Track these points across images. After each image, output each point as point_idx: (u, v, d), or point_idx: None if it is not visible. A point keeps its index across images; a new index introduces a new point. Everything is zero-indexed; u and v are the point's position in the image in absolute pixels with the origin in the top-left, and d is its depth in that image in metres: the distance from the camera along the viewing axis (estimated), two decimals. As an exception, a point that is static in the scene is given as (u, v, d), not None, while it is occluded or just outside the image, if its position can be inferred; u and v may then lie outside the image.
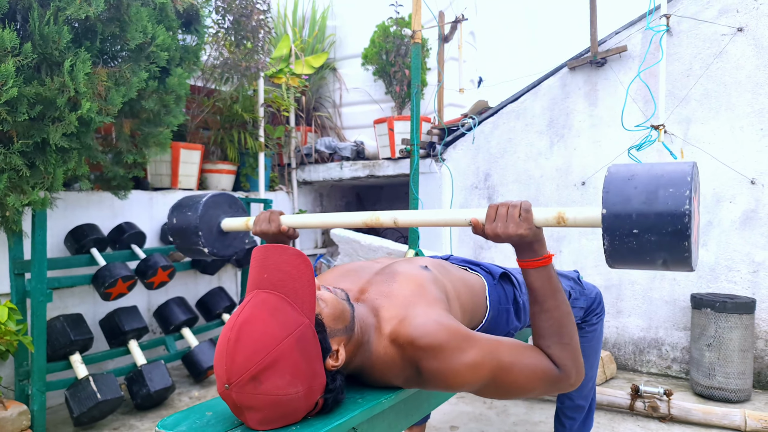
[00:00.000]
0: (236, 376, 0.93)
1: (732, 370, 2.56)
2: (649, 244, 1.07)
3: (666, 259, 1.08)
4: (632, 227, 1.07)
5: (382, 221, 1.47)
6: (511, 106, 3.47)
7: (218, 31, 3.56)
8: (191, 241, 1.69)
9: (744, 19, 2.76)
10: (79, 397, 2.30)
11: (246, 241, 1.86)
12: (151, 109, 2.58)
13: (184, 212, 1.69)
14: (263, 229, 1.59)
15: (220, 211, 1.75)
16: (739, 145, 2.79)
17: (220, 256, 1.75)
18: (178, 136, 3.42)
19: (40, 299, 2.25)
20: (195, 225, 1.66)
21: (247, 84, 3.81)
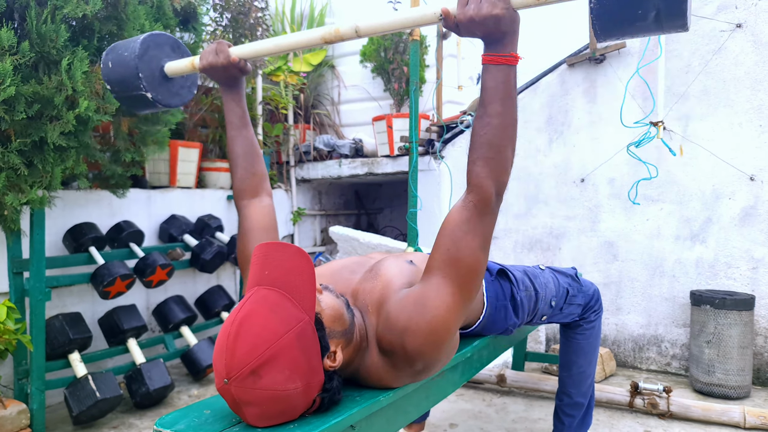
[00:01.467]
0: (236, 371, 0.93)
1: (731, 366, 2.56)
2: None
3: (660, 9, 0.98)
4: None
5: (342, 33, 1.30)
6: (509, 103, 3.46)
7: (216, 28, 3.55)
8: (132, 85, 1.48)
9: (743, 16, 2.75)
10: (79, 396, 2.30)
11: (194, 91, 1.67)
12: (149, 108, 2.57)
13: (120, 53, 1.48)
14: (211, 61, 1.41)
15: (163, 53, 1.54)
16: (738, 141, 2.79)
17: (165, 104, 1.56)
18: (176, 135, 3.41)
19: (39, 298, 2.25)
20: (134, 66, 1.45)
21: (245, 82, 3.80)
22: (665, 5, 0.98)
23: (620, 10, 1.00)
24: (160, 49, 1.53)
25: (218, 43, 1.42)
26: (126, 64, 1.47)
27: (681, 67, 2.91)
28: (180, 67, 1.52)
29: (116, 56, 1.49)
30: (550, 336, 3.33)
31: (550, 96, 3.32)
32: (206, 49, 1.44)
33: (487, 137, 1.14)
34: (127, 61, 1.47)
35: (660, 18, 0.99)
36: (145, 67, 1.48)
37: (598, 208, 3.17)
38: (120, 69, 1.48)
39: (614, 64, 3.10)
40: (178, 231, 3.21)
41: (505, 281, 1.63)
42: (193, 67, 1.50)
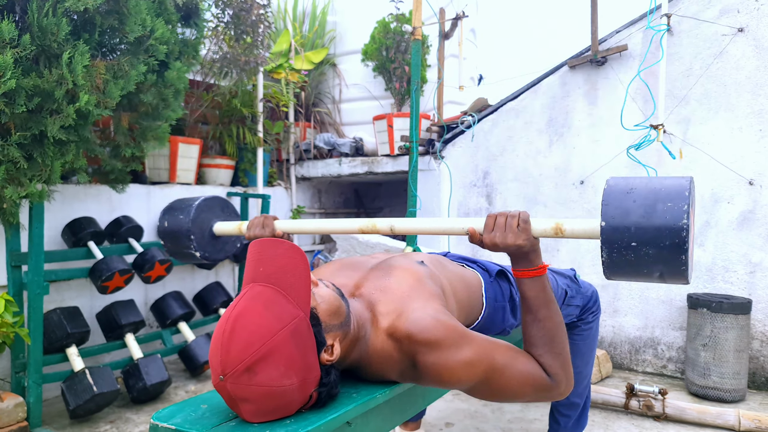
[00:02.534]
0: (231, 367, 0.93)
1: (727, 370, 2.57)
2: (647, 257, 1.09)
3: (663, 272, 1.10)
4: (630, 240, 1.09)
5: (379, 228, 1.48)
6: (510, 104, 3.47)
7: (218, 25, 3.55)
8: (183, 245, 1.68)
9: (745, 20, 2.76)
10: (76, 390, 2.30)
11: (238, 245, 1.85)
12: (149, 103, 2.58)
13: (176, 216, 1.68)
14: (257, 234, 1.58)
15: (212, 214, 1.73)
16: (737, 145, 2.79)
17: (212, 260, 1.75)
18: (176, 131, 3.41)
19: (37, 292, 2.25)
20: (187, 229, 1.64)
21: (247, 79, 3.80)
22: (668, 270, 1.10)
23: (628, 267, 1.13)
24: (211, 212, 1.74)
25: (265, 218, 1.60)
26: (180, 225, 1.67)
27: (682, 70, 2.92)
28: (228, 229, 1.71)
29: (172, 218, 1.69)
30: (548, 337, 3.33)
31: (551, 98, 3.32)
32: (254, 220, 1.63)
33: (547, 338, 1.24)
34: (182, 223, 1.66)
35: (663, 277, 1.12)
36: (196, 229, 1.67)
37: (597, 210, 3.17)
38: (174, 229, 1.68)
39: (615, 67, 3.10)
40: (177, 227, 3.20)
41: (504, 282, 1.63)
42: (239, 232, 1.69)
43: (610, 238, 1.11)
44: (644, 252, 1.08)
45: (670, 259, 1.07)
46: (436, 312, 1.16)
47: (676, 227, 1.05)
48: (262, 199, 3.63)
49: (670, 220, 1.06)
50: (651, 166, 2.88)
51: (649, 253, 1.08)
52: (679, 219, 1.05)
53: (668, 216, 1.06)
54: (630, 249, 1.09)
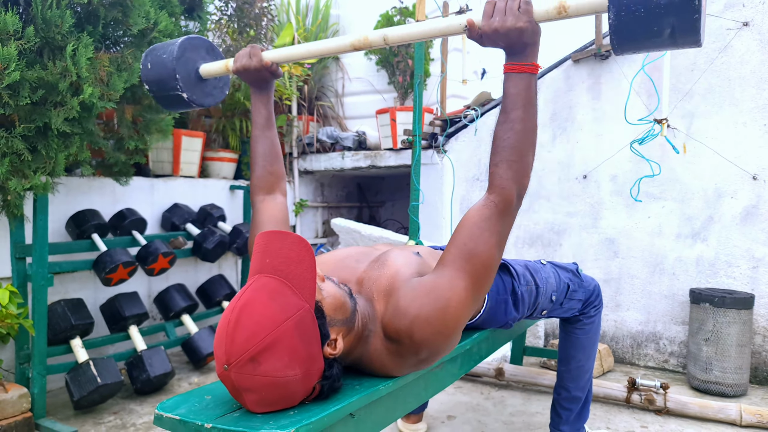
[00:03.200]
0: (235, 357, 0.94)
1: (729, 364, 2.57)
2: (657, 8, 1.03)
3: (674, 27, 1.04)
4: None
5: (371, 40, 1.36)
6: (513, 98, 3.45)
7: (221, 18, 3.55)
8: (169, 86, 1.57)
9: (750, 14, 2.74)
10: (80, 381, 2.32)
11: (226, 92, 1.76)
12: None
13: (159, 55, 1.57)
14: (244, 64, 1.49)
15: (198, 56, 1.63)
16: (741, 140, 2.78)
17: (199, 104, 1.65)
18: (179, 124, 3.42)
19: (41, 283, 2.26)
20: (172, 68, 1.54)
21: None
22: (680, 23, 1.04)
23: (637, 27, 1.06)
24: (196, 52, 1.62)
25: (251, 47, 1.50)
26: (164, 65, 1.56)
27: (686, 64, 2.90)
28: (214, 68, 1.61)
29: (155, 57, 1.58)
30: (549, 331, 3.34)
31: (554, 92, 3.31)
32: (240, 51, 1.52)
33: (510, 141, 1.20)
34: (166, 62, 1.56)
35: (674, 35, 1.06)
36: (181, 68, 1.57)
37: (600, 204, 3.17)
38: (158, 70, 1.57)
39: (619, 61, 3.09)
40: (180, 220, 3.22)
41: (506, 275, 1.64)
42: (227, 69, 1.58)
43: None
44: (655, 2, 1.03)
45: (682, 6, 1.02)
46: (423, 304, 1.17)
47: None
48: (265, 193, 3.63)
49: None
50: (654, 160, 2.87)
51: (660, 3, 1.03)
52: None
53: None
54: (640, 2, 1.04)
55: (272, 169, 1.52)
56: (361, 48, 1.39)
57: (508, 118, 1.20)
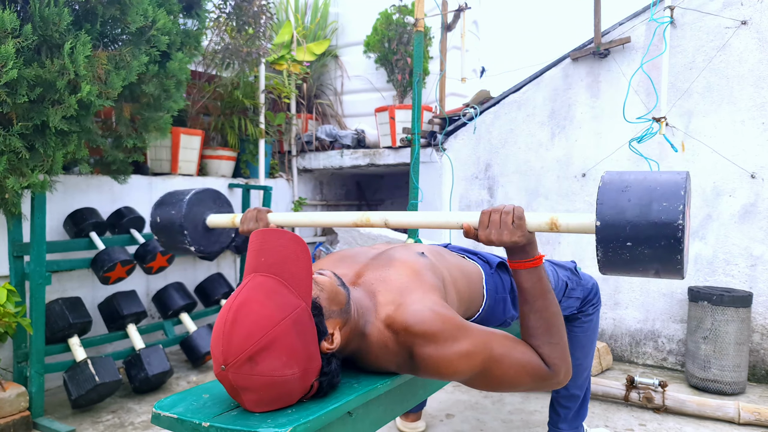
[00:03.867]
0: (233, 357, 0.94)
1: (727, 362, 2.57)
2: (642, 255, 1.09)
3: (658, 269, 1.11)
4: (626, 239, 1.09)
5: (373, 222, 1.47)
6: (512, 96, 3.46)
7: (219, 15, 3.54)
8: (177, 239, 1.66)
9: (748, 12, 2.74)
10: (78, 380, 2.31)
11: (232, 236, 1.83)
12: (151, 94, 2.57)
13: (168, 210, 1.66)
14: (251, 228, 1.58)
15: (205, 207, 1.71)
16: (740, 138, 2.78)
17: (207, 252, 1.73)
18: (178, 122, 3.41)
19: (39, 282, 2.25)
20: (180, 224, 1.63)
21: (248, 70, 3.79)
22: (664, 268, 1.11)
23: (623, 265, 1.14)
24: (203, 204, 1.71)
25: (258, 211, 1.58)
26: (172, 221, 1.65)
27: (685, 63, 2.90)
28: (221, 222, 1.69)
29: (164, 213, 1.67)
30: (548, 329, 3.34)
31: (553, 90, 3.31)
32: (248, 214, 1.61)
33: (544, 327, 1.24)
34: (174, 219, 1.64)
35: (659, 273, 1.13)
36: (189, 223, 1.65)
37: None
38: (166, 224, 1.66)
39: (618, 59, 3.09)
40: (178, 218, 3.21)
41: (505, 274, 1.64)
42: (233, 225, 1.67)
43: (606, 237, 1.11)
44: (639, 251, 1.09)
45: (665, 258, 1.08)
46: (433, 304, 1.17)
47: (671, 227, 1.05)
48: (263, 191, 3.63)
49: (665, 220, 1.06)
50: (653, 158, 2.87)
51: (645, 252, 1.08)
52: (675, 219, 1.05)
53: (663, 216, 1.06)
54: (625, 248, 1.10)
55: None
56: (361, 226, 1.49)
57: (533, 308, 1.25)
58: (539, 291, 1.25)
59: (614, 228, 1.10)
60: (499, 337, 1.18)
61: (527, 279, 1.26)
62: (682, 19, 2.90)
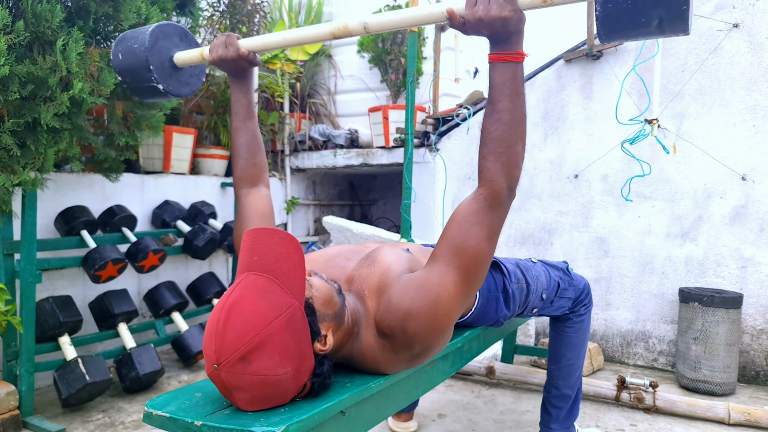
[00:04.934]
0: (225, 356, 0.93)
1: (717, 363, 2.59)
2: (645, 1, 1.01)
3: (662, 18, 1.02)
4: None
5: (351, 28, 1.32)
6: (506, 97, 3.46)
7: (213, 14, 3.53)
8: (143, 77, 1.51)
9: (740, 16, 2.77)
10: (68, 379, 2.30)
11: (203, 80, 1.70)
12: (144, 92, 2.55)
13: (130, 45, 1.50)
14: (221, 54, 1.43)
15: (171, 44, 1.56)
16: (731, 141, 2.80)
17: (176, 94, 1.59)
18: (171, 120, 3.39)
19: (30, 280, 2.24)
20: (144, 58, 1.48)
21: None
22: (668, 14, 1.01)
23: (625, 18, 1.04)
24: (169, 40, 1.55)
25: (227, 36, 1.44)
26: (136, 55, 1.49)
27: (677, 65, 2.92)
28: (189, 57, 1.54)
29: (126, 48, 1.51)
30: (540, 330, 3.35)
31: (546, 91, 3.32)
32: (216, 41, 1.46)
33: (498, 133, 1.17)
34: (137, 52, 1.49)
35: (662, 24, 1.03)
36: (154, 58, 1.50)
37: (590, 204, 3.19)
38: (130, 60, 1.50)
39: (611, 61, 3.10)
40: (171, 217, 3.20)
41: (497, 273, 1.64)
42: (202, 58, 1.52)
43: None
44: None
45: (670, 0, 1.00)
46: (412, 293, 1.17)
47: None
48: (256, 190, 3.62)
49: None
50: (645, 160, 2.89)
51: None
52: None
53: None
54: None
55: (255, 160, 1.49)
56: (340, 36, 1.34)
57: (494, 109, 1.17)
58: (509, 90, 1.16)
59: None
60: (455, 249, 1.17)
61: (501, 74, 1.16)
62: (674, 22, 2.91)
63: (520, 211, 3.40)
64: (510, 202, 1.21)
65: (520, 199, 3.39)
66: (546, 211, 3.33)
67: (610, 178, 3.12)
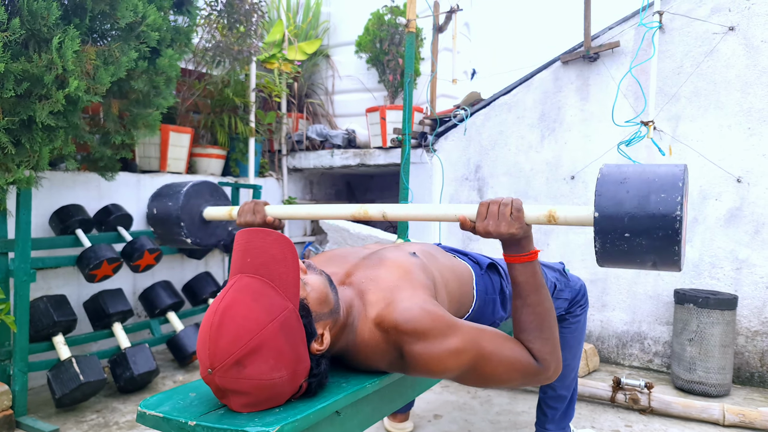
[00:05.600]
0: (219, 361, 0.92)
1: (712, 365, 2.60)
2: (640, 247, 1.09)
3: (656, 261, 1.11)
4: (624, 231, 1.09)
5: (371, 214, 1.48)
6: (503, 98, 3.47)
7: (211, 13, 3.52)
8: (173, 231, 1.67)
9: (736, 18, 2.77)
10: (62, 379, 2.28)
11: (229, 229, 1.84)
12: (140, 90, 2.55)
13: (165, 202, 1.67)
14: (248, 220, 1.57)
15: (202, 199, 1.72)
16: (726, 143, 2.81)
17: (204, 245, 1.74)
18: (167, 119, 3.38)
19: (24, 279, 2.23)
20: (177, 215, 1.64)
21: (239, 68, 3.78)
22: (661, 260, 1.10)
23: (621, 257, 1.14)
24: (200, 196, 1.71)
25: (255, 203, 1.58)
26: (169, 213, 1.66)
27: (673, 68, 2.93)
28: (218, 215, 1.69)
29: (161, 205, 1.67)
30: (536, 331, 3.35)
31: (543, 92, 3.33)
32: (245, 206, 1.60)
33: (536, 323, 1.24)
34: (170, 210, 1.65)
35: (656, 265, 1.13)
36: (186, 215, 1.66)
37: (587, 205, 3.18)
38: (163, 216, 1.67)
39: (608, 63, 3.11)
40: (166, 216, 3.18)
41: (495, 275, 1.64)
42: (230, 217, 1.67)
43: (604, 229, 1.11)
44: (637, 242, 1.09)
45: (663, 250, 1.08)
46: (423, 302, 1.16)
47: (669, 218, 1.05)
48: (253, 190, 3.61)
49: (663, 211, 1.06)
50: (641, 162, 2.90)
51: (642, 244, 1.08)
52: (673, 210, 1.05)
53: (662, 207, 1.06)
54: (623, 239, 1.10)
55: None
56: (359, 218, 1.50)
57: (525, 302, 1.25)
58: (533, 286, 1.25)
59: (612, 219, 1.10)
60: (489, 333, 1.19)
61: (522, 273, 1.26)
62: (670, 24, 2.93)
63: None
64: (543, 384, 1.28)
65: (516, 200, 3.38)
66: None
67: (607, 180, 3.12)
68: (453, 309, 1.42)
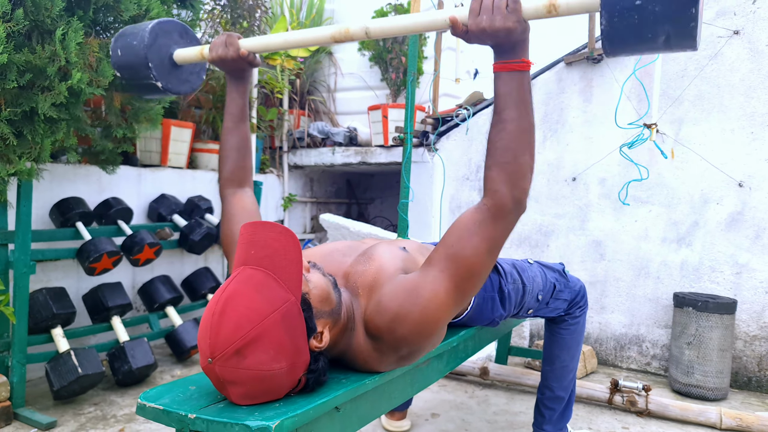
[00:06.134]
0: (220, 350, 0.93)
1: (710, 368, 2.60)
2: (652, 15, 0.98)
3: (669, 34, 0.99)
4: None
5: (352, 33, 1.30)
6: (505, 98, 3.46)
7: (214, 8, 3.51)
8: (141, 74, 1.49)
9: (741, 22, 2.77)
10: (60, 371, 2.28)
11: (203, 77, 1.68)
12: (143, 84, 2.54)
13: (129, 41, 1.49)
14: (220, 54, 1.41)
15: (171, 40, 1.54)
16: (729, 147, 2.81)
17: (175, 91, 1.57)
18: (169, 113, 3.38)
19: (23, 271, 2.22)
20: (144, 55, 1.46)
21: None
22: (676, 30, 0.99)
23: (631, 33, 1.01)
24: (169, 37, 1.53)
25: (228, 35, 1.42)
26: (135, 52, 1.47)
27: (677, 71, 2.93)
28: (189, 55, 1.52)
29: (125, 44, 1.49)
30: (534, 331, 3.36)
31: (546, 94, 3.33)
32: (216, 40, 1.44)
33: (503, 143, 1.13)
34: (137, 49, 1.46)
35: (669, 41, 1.01)
36: (154, 55, 1.48)
37: (588, 207, 3.19)
38: (129, 57, 1.48)
39: (611, 65, 3.11)
40: (167, 210, 3.18)
41: (493, 273, 1.64)
42: (202, 57, 1.50)
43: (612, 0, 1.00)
44: (650, 10, 0.98)
45: (679, 14, 0.97)
46: (394, 291, 1.16)
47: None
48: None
49: None
50: (643, 164, 2.90)
51: (656, 11, 0.97)
52: None
53: None
54: (634, 9, 0.99)
55: (244, 163, 1.46)
56: (342, 40, 1.31)
57: (500, 118, 1.13)
58: (514, 100, 1.12)
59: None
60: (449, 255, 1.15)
61: (507, 83, 1.13)
62: (675, 27, 2.92)
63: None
64: (517, 215, 1.16)
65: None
66: (543, 214, 3.33)
67: (608, 182, 3.12)
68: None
